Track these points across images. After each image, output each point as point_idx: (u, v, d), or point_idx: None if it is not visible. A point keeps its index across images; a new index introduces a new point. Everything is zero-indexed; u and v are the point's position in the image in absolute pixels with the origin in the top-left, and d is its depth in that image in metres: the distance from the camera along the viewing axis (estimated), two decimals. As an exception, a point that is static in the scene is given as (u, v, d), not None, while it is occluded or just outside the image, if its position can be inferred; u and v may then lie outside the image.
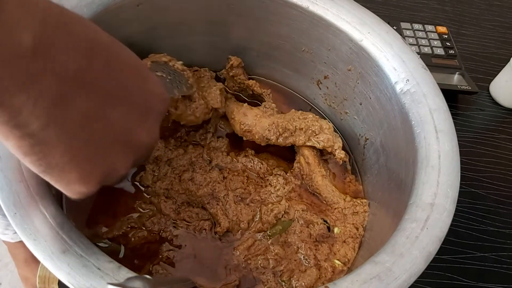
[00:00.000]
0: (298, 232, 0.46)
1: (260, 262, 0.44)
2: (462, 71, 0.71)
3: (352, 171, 0.54)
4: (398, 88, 0.46)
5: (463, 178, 0.40)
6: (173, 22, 0.51)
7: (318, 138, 0.50)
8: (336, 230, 0.47)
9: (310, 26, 0.51)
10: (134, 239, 0.43)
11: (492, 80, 0.74)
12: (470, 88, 0.68)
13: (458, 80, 0.70)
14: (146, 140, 0.27)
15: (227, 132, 0.54)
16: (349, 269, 0.45)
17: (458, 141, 0.42)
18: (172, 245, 0.44)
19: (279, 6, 0.51)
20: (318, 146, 0.50)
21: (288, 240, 0.46)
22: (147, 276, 0.26)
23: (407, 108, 0.44)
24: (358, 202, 0.49)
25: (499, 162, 0.65)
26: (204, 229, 0.45)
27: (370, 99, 0.50)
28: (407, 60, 0.47)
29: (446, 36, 0.75)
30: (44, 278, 0.57)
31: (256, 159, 0.50)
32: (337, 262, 0.45)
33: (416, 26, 0.76)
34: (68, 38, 0.21)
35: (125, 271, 0.30)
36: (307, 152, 0.51)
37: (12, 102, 0.20)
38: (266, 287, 0.43)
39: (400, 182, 0.44)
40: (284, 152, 0.53)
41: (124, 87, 0.25)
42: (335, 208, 0.49)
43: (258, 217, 0.46)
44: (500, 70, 0.72)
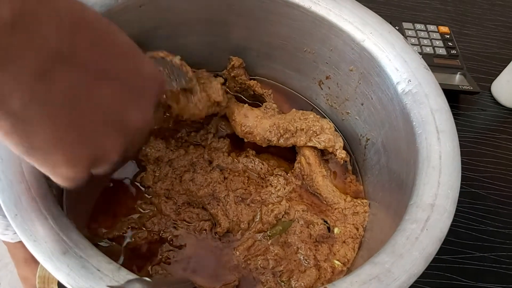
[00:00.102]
0: (298, 233, 0.46)
1: (260, 262, 0.44)
2: (464, 71, 0.70)
3: (353, 171, 0.54)
4: (400, 88, 0.46)
5: (463, 178, 0.40)
6: (174, 22, 0.51)
7: (319, 138, 0.50)
8: (336, 230, 0.47)
9: (312, 26, 0.51)
10: (134, 240, 0.43)
11: (494, 80, 0.73)
12: (471, 88, 0.68)
13: (460, 80, 0.70)
14: (139, 122, 0.26)
15: (228, 132, 0.54)
16: (348, 269, 0.45)
17: (459, 141, 0.42)
18: (172, 245, 0.44)
19: (281, 6, 0.50)
20: (319, 146, 0.50)
21: (288, 240, 0.46)
22: (146, 278, 0.26)
23: (409, 109, 0.44)
24: (359, 202, 0.49)
25: (500, 162, 0.65)
26: (205, 229, 0.45)
27: (372, 99, 0.50)
28: (409, 61, 0.47)
29: (448, 36, 0.75)
30: (44, 278, 0.57)
31: (257, 159, 0.50)
32: (336, 263, 0.45)
33: (418, 26, 0.76)
34: (51, 12, 0.20)
35: (124, 272, 0.30)
36: (308, 152, 0.51)
37: None
38: (266, 287, 0.43)
39: (400, 183, 0.44)
40: (285, 153, 0.53)
41: (113, 65, 0.24)
42: (335, 209, 0.49)
43: (258, 217, 0.46)
44: (502, 70, 0.72)
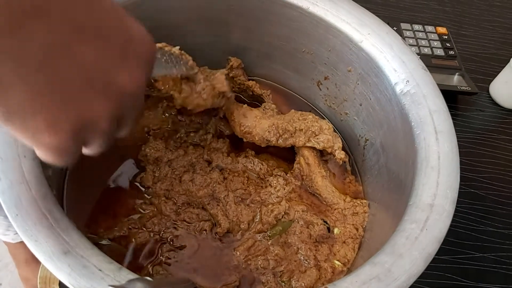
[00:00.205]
0: (298, 233, 0.46)
1: (260, 262, 0.44)
2: (462, 71, 0.71)
3: (352, 172, 0.54)
4: (398, 89, 0.46)
5: (462, 179, 0.40)
6: (173, 22, 0.52)
7: (318, 138, 0.50)
8: (336, 230, 0.47)
9: (310, 27, 0.51)
10: (134, 240, 0.43)
11: (492, 81, 0.74)
12: (470, 88, 0.68)
13: (458, 80, 0.70)
14: (128, 86, 0.24)
15: (227, 133, 0.54)
16: (348, 269, 0.45)
17: (458, 141, 0.42)
18: (173, 245, 0.44)
19: (279, 7, 0.51)
20: (318, 146, 0.50)
21: (288, 240, 0.46)
22: (147, 278, 0.26)
23: (407, 109, 0.44)
24: (358, 202, 0.49)
25: (499, 162, 0.65)
26: (205, 229, 0.45)
27: (370, 100, 0.50)
28: (407, 61, 0.47)
29: (446, 37, 0.76)
30: (45, 279, 0.57)
31: (257, 160, 0.50)
32: (337, 263, 0.45)
33: (416, 27, 0.76)
34: None
35: (125, 272, 0.30)
36: (307, 153, 0.51)
37: None
38: (266, 287, 0.43)
39: (400, 183, 0.44)
40: (284, 153, 0.53)
41: (95, 21, 0.22)
42: (335, 209, 0.49)
43: (258, 217, 0.46)
44: (500, 71, 0.72)
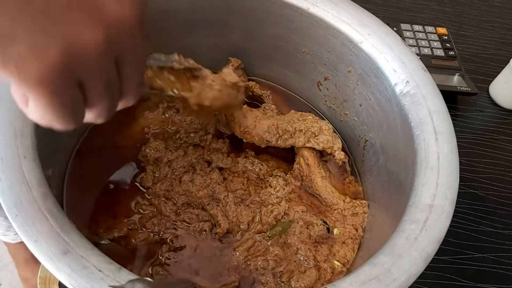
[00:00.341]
0: (297, 233, 0.46)
1: (260, 263, 0.44)
2: (462, 72, 0.71)
3: (352, 172, 0.54)
4: (398, 89, 0.46)
5: (462, 179, 0.40)
6: (173, 23, 0.52)
7: (317, 139, 0.50)
8: (335, 231, 0.47)
9: (310, 28, 0.51)
10: (134, 241, 0.43)
11: (491, 81, 0.74)
12: (469, 89, 0.68)
13: (457, 81, 0.70)
14: (118, 14, 0.22)
15: (227, 133, 0.54)
16: (348, 270, 0.45)
17: (457, 142, 0.42)
18: (173, 246, 0.44)
19: (279, 7, 0.51)
20: (317, 147, 0.50)
21: (288, 241, 0.46)
22: (147, 279, 0.26)
23: (407, 110, 0.45)
24: (358, 203, 0.49)
25: (498, 163, 0.65)
26: (204, 230, 0.45)
27: (370, 100, 0.50)
28: (407, 62, 0.47)
29: (446, 37, 0.76)
30: (45, 279, 0.57)
31: (256, 160, 0.50)
32: (336, 263, 0.45)
33: (416, 27, 0.76)
34: None
35: (125, 273, 0.30)
36: (306, 153, 0.51)
37: None
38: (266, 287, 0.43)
39: (399, 183, 0.44)
40: (284, 153, 0.53)
41: None
42: (334, 209, 0.49)
43: (258, 218, 0.46)
44: (499, 71, 0.72)
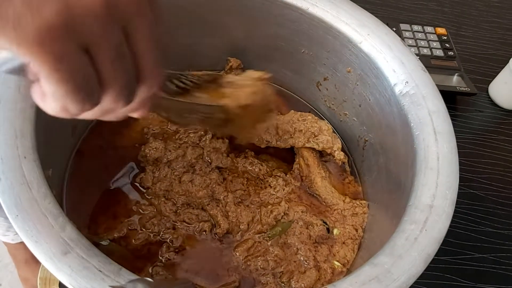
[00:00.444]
0: (297, 234, 0.46)
1: (260, 263, 0.44)
2: (461, 72, 0.71)
3: (352, 173, 0.54)
4: (397, 90, 0.46)
5: (461, 179, 0.41)
6: (172, 24, 0.52)
7: (317, 139, 0.50)
8: (335, 231, 0.48)
9: (309, 28, 0.51)
10: (134, 241, 0.43)
11: (491, 81, 0.74)
12: (469, 89, 0.68)
13: (457, 81, 0.70)
14: None
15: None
16: (348, 270, 0.45)
17: (457, 142, 0.42)
18: (172, 246, 0.44)
19: (279, 7, 0.51)
20: (317, 147, 0.50)
21: (288, 241, 0.46)
22: (147, 279, 0.26)
23: (406, 110, 0.45)
24: (358, 203, 0.49)
25: (498, 163, 0.65)
26: (204, 230, 0.45)
27: (370, 100, 0.50)
28: (406, 62, 0.47)
29: (445, 38, 0.76)
30: (45, 280, 0.57)
31: (256, 160, 0.50)
32: (336, 263, 0.45)
33: (415, 28, 0.76)
34: None
35: (125, 273, 0.30)
36: (306, 154, 0.51)
37: None
38: (266, 288, 0.43)
39: (399, 184, 0.44)
40: (284, 154, 0.53)
41: None
42: (334, 210, 0.49)
43: (257, 218, 0.46)
44: (499, 72, 0.72)
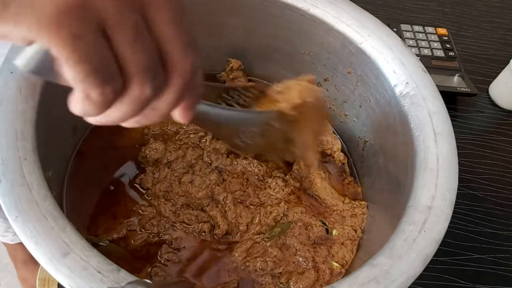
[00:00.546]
0: (296, 234, 0.46)
1: (259, 264, 0.44)
2: (461, 73, 0.71)
3: (351, 173, 0.54)
4: (398, 91, 0.46)
5: (461, 180, 0.41)
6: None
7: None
8: (334, 232, 0.48)
9: (310, 29, 0.51)
10: (133, 242, 0.43)
11: (491, 82, 0.74)
12: (469, 90, 0.68)
13: (457, 82, 0.70)
14: None
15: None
16: (347, 271, 0.45)
17: (457, 143, 0.42)
18: (172, 247, 0.44)
19: (280, 8, 0.51)
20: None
21: (287, 242, 0.46)
22: (146, 280, 0.27)
23: (406, 111, 0.45)
24: (357, 204, 0.50)
25: (498, 164, 0.65)
26: (203, 231, 0.45)
27: (370, 101, 0.51)
28: (406, 63, 0.47)
29: (446, 38, 0.76)
30: (44, 281, 0.57)
31: (256, 161, 0.50)
32: (335, 264, 0.45)
33: (416, 28, 0.76)
34: None
35: (125, 274, 0.30)
36: (306, 154, 0.51)
37: None
38: (265, 289, 0.43)
39: (398, 185, 0.44)
40: (284, 154, 0.53)
41: None
42: (333, 210, 0.49)
43: (257, 219, 0.47)
44: (499, 72, 0.72)
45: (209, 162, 0.49)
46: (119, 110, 0.22)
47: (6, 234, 0.70)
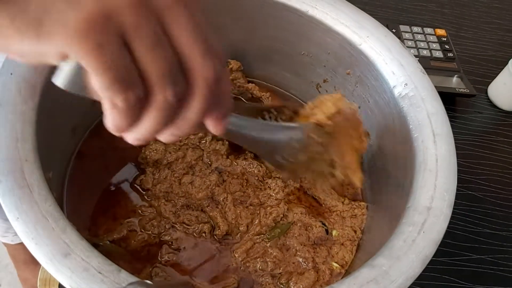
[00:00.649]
0: (296, 235, 0.46)
1: (259, 264, 0.44)
2: (460, 73, 0.71)
3: (351, 174, 0.54)
4: (397, 92, 0.46)
5: (460, 181, 0.41)
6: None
7: (317, 141, 0.50)
8: (334, 233, 0.48)
9: (309, 30, 0.51)
10: (134, 242, 0.43)
11: (490, 82, 0.74)
12: (468, 91, 0.68)
13: (456, 82, 0.70)
14: None
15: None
16: (346, 271, 0.46)
17: (456, 143, 0.42)
18: (172, 247, 0.44)
19: (279, 9, 0.51)
20: (316, 149, 0.50)
21: (287, 243, 0.46)
22: (147, 281, 0.27)
23: (405, 112, 0.45)
24: (356, 205, 0.50)
25: (497, 164, 0.65)
26: (204, 232, 0.45)
27: (369, 102, 0.51)
28: (405, 64, 0.47)
29: (445, 39, 0.76)
30: (45, 281, 0.57)
31: (255, 162, 0.51)
32: (335, 265, 0.45)
33: (415, 29, 0.76)
34: None
35: (125, 275, 0.30)
36: (306, 155, 0.51)
37: None
38: (265, 289, 0.43)
39: (398, 186, 0.44)
40: (283, 155, 0.53)
41: None
42: (333, 211, 0.49)
43: (257, 220, 0.47)
44: (498, 73, 0.72)
45: (209, 163, 0.50)
46: (148, 120, 0.23)
47: (6, 235, 0.70)
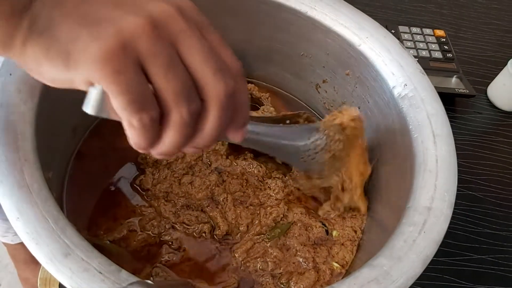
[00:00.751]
0: (296, 235, 0.46)
1: (259, 264, 0.44)
2: (460, 74, 0.71)
3: (351, 174, 0.54)
4: (396, 92, 0.46)
5: (460, 181, 0.41)
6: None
7: (316, 141, 0.50)
8: (334, 233, 0.48)
9: (308, 31, 0.51)
10: (134, 242, 0.43)
11: (489, 83, 0.74)
12: (467, 91, 0.68)
13: (456, 83, 0.70)
14: (157, 9, 0.24)
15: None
16: (347, 271, 0.46)
17: (456, 144, 0.42)
18: (172, 248, 0.44)
19: (278, 10, 0.51)
20: (316, 149, 0.50)
21: (287, 243, 0.46)
22: (148, 281, 0.27)
23: (405, 113, 0.45)
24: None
25: (497, 165, 0.65)
26: (204, 232, 0.45)
27: (368, 103, 0.51)
28: (405, 65, 0.47)
29: (444, 40, 0.76)
30: (45, 281, 0.57)
31: (255, 162, 0.51)
32: (335, 265, 0.45)
33: (414, 30, 0.77)
34: None
35: (126, 275, 0.30)
36: (305, 156, 0.51)
37: None
38: (265, 289, 0.43)
39: (398, 186, 0.44)
40: (283, 155, 0.53)
41: None
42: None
43: (257, 220, 0.47)
44: (497, 73, 0.73)
45: (208, 163, 0.50)
46: (168, 137, 0.25)
47: (6, 235, 0.70)
